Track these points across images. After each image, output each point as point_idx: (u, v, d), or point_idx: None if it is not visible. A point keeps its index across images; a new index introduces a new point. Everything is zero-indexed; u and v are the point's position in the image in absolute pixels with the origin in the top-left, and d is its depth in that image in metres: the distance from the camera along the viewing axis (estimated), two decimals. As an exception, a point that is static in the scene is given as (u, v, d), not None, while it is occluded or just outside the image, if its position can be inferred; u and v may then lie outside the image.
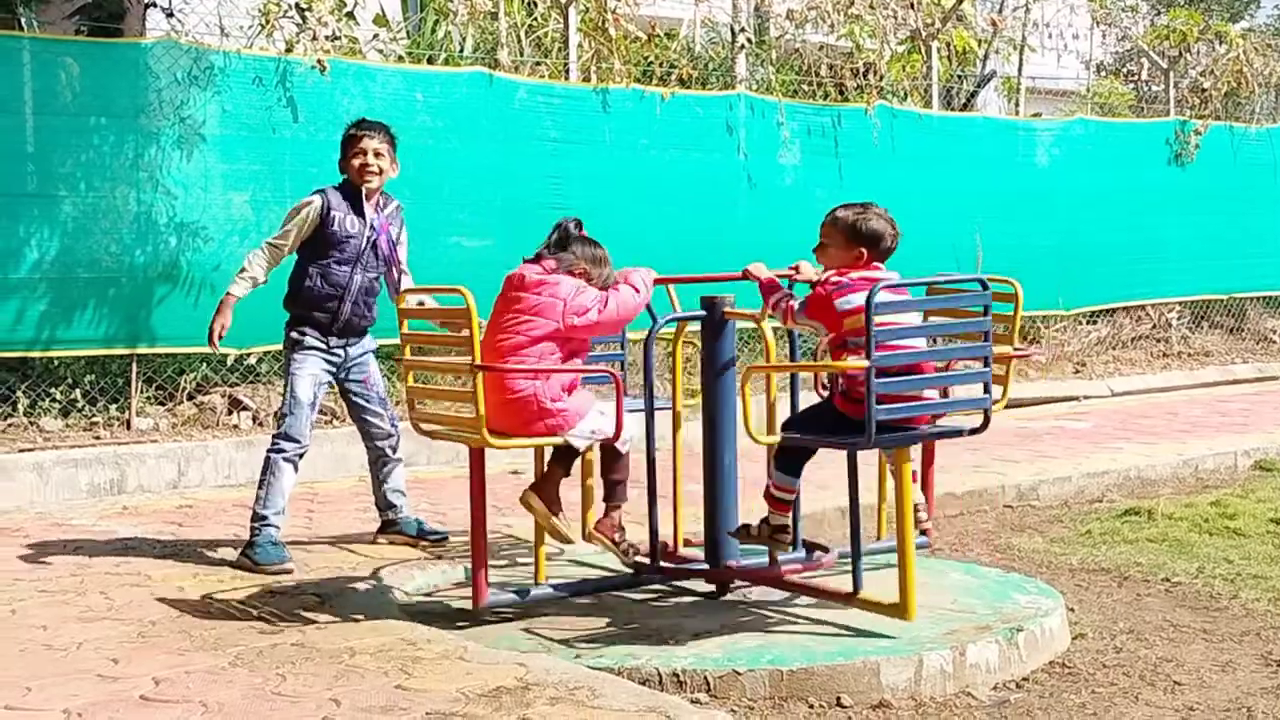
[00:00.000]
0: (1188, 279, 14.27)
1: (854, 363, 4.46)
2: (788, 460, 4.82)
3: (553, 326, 4.78)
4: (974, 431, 4.83)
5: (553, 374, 4.79)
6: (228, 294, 5.83)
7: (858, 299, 4.51)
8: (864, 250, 4.78)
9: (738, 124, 11.00)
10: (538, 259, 4.96)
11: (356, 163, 5.93)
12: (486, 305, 5.73)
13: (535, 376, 4.74)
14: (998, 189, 12.64)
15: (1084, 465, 8.24)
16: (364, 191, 5.93)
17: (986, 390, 4.78)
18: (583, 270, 4.95)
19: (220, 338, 5.83)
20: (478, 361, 4.61)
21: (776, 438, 4.79)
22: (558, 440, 4.83)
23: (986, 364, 4.70)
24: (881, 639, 4.45)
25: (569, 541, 5.04)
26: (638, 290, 4.96)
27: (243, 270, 5.87)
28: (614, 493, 5.01)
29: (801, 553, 5.22)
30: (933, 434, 4.83)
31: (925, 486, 5.51)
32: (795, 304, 4.82)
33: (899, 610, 4.54)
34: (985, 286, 4.77)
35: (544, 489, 4.92)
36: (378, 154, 5.93)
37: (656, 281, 5.16)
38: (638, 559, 5.08)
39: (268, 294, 5.96)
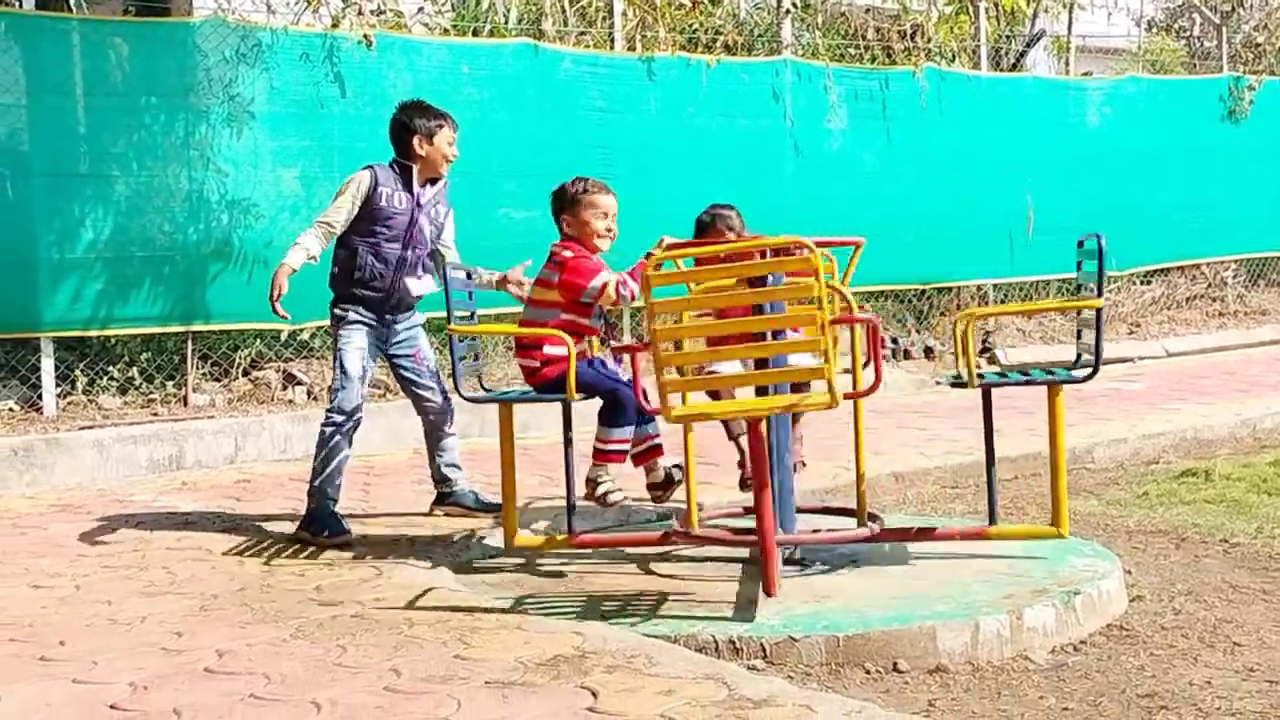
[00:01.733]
0: (1243, 237, 14.10)
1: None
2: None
3: None
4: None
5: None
6: (282, 264, 5.71)
7: None
8: None
9: (784, 90, 10.95)
10: None
11: (449, 153, 5.96)
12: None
13: None
14: (1048, 150, 12.52)
15: (1140, 427, 8.17)
16: (416, 172, 5.93)
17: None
18: None
19: (279, 299, 5.70)
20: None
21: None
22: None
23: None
24: (937, 603, 4.45)
25: None
26: None
27: (296, 244, 5.80)
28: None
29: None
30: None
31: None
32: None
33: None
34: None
35: None
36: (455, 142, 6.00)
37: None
38: None
39: (321, 269, 5.99)
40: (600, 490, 5.25)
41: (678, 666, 3.80)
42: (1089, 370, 4.98)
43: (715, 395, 5.25)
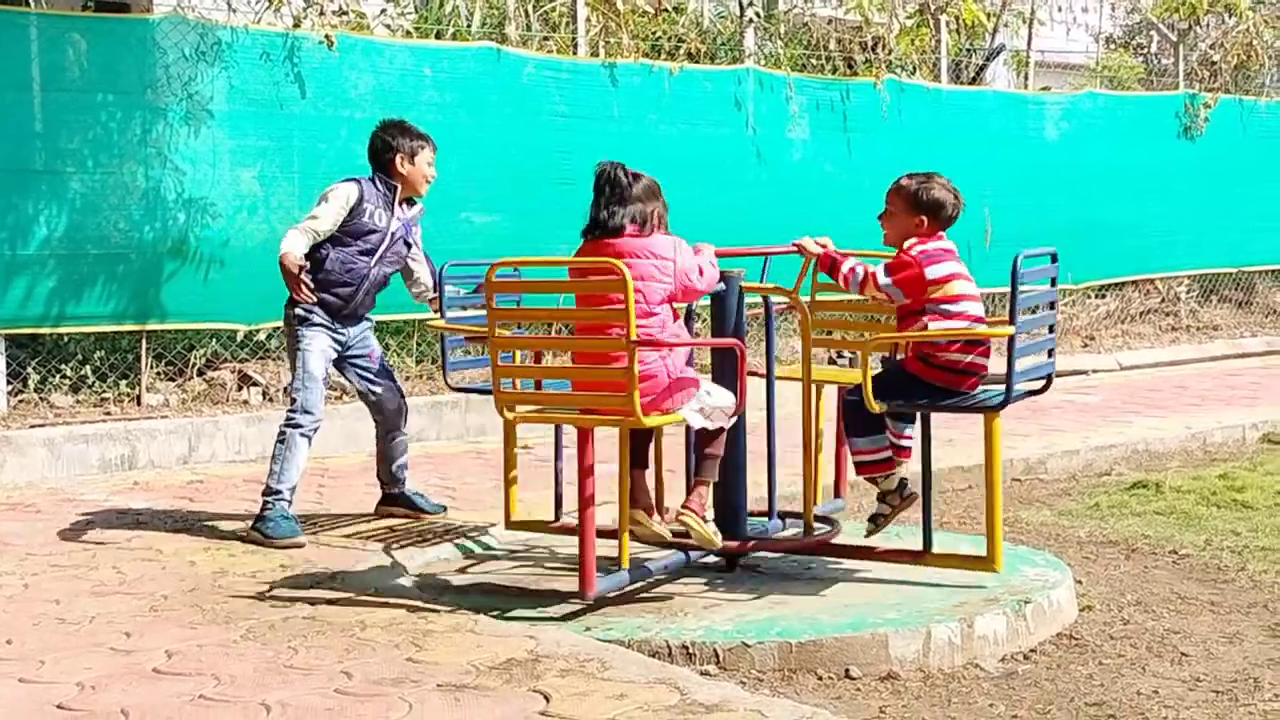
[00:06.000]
0: (1196, 252, 14.25)
1: (1000, 330, 4.70)
2: (862, 423, 4.90)
3: (665, 290, 4.63)
4: (1038, 393, 5.04)
5: (678, 346, 4.67)
6: (285, 253, 5.63)
7: (946, 268, 4.83)
8: (924, 218, 4.95)
9: (746, 98, 10.98)
10: (608, 225, 4.73)
11: (429, 174, 5.99)
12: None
13: (668, 350, 4.58)
14: (1006, 163, 12.61)
15: (1092, 439, 8.24)
16: (399, 192, 5.92)
17: (1051, 355, 5.02)
18: (656, 212, 4.82)
19: (301, 275, 5.69)
20: (633, 336, 4.35)
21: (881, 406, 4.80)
22: (674, 419, 4.63)
23: (1052, 331, 5.05)
24: (890, 610, 4.47)
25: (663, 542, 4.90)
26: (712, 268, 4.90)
27: (290, 236, 5.72)
28: (708, 469, 4.78)
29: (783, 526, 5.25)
30: (1017, 395, 4.81)
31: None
32: (878, 272, 4.85)
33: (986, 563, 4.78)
34: (1055, 259, 5.03)
35: (638, 496, 4.76)
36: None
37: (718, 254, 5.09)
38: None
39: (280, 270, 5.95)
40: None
41: (630, 671, 3.81)
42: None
43: None
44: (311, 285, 5.76)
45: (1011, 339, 4.67)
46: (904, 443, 5.04)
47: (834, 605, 4.57)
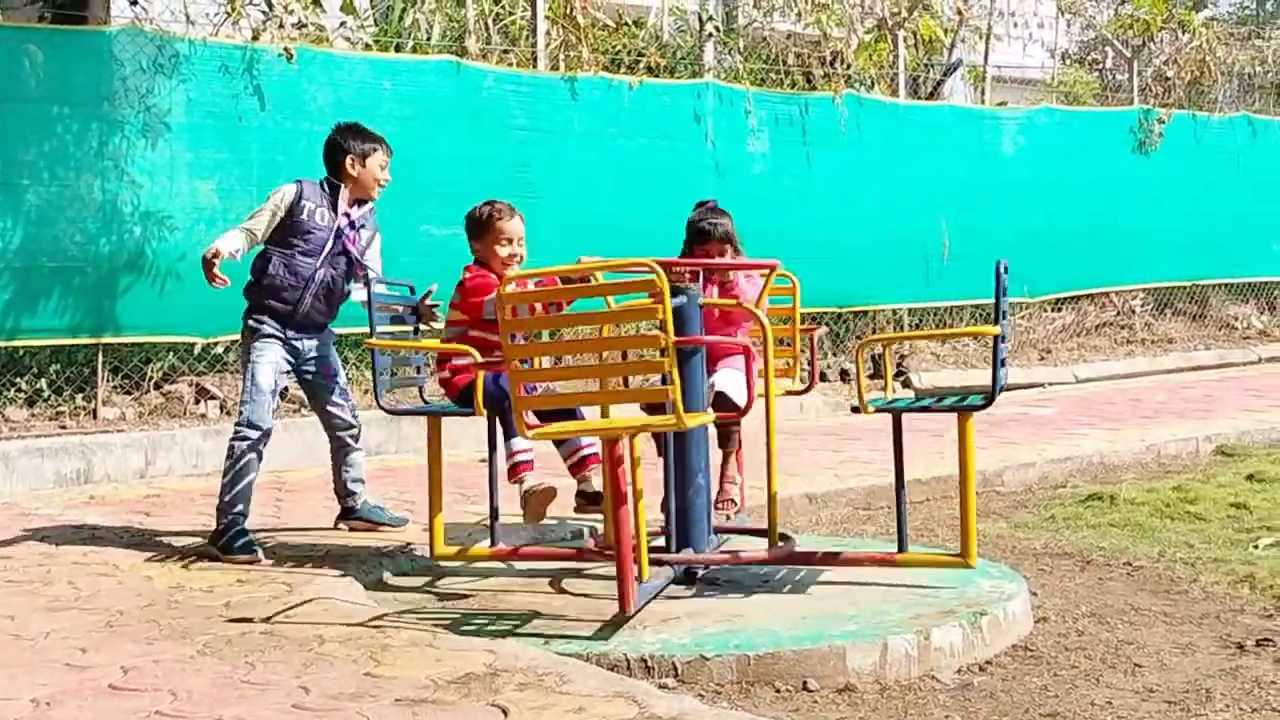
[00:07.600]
0: (1151, 266, 14.42)
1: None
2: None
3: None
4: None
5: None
6: (211, 247, 5.67)
7: None
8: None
9: (705, 112, 11.03)
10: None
11: (382, 177, 5.99)
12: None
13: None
14: (964, 177, 12.72)
15: (1048, 451, 8.31)
16: (343, 192, 5.91)
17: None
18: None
19: (214, 267, 5.66)
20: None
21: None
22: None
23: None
24: (847, 623, 4.49)
25: None
26: None
27: (224, 236, 5.76)
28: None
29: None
30: None
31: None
32: None
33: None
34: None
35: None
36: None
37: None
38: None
39: (236, 282, 5.94)
40: (524, 489, 5.22)
41: (589, 684, 3.81)
42: (985, 400, 4.95)
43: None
44: (224, 278, 5.68)
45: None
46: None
47: (792, 618, 4.59)
